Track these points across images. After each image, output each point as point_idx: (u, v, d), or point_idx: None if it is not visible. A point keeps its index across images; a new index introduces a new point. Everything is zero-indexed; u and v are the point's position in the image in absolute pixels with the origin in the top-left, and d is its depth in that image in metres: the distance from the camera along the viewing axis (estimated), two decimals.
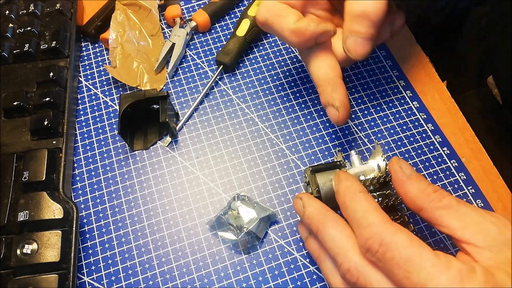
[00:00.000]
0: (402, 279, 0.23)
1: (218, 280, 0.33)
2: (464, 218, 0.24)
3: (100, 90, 0.42)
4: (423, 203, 0.26)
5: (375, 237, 0.24)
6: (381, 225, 0.24)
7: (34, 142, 0.36)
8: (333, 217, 0.28)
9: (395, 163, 0.28)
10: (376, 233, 0.24)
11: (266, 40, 0.45)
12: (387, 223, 0.24)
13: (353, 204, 0.26)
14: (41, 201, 0.32)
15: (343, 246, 0.26)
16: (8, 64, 0.40)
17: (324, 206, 0.29)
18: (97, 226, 0.35)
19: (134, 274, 0.34)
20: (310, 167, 0.31)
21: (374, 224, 0.24)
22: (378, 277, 0.24)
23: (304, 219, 0.29)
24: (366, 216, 0.25)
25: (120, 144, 0.39)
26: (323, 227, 0.27)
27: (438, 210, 0.25)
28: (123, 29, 0.43)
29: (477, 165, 0.38)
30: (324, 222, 0.27)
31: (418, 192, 0.26)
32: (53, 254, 0.31)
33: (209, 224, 0.35)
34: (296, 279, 0.33)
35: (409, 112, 0.40)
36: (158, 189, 0.37)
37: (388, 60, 0.44)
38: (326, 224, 0.27)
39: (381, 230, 0.24)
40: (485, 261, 0.23)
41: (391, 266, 0.23)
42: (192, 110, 0.40)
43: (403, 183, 0.27)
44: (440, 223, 0.25)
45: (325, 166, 0.32)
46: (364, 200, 0.26)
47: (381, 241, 0.23)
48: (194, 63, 0.44)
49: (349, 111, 0.33)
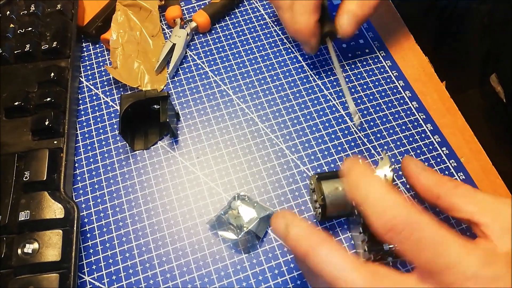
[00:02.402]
0: (428, 261, 0.22)
1: (218, 279, 0.33)
2: (481, 203, 0.25)
3: (101, 90, 0.42)
4: (440, 191, 0.26)
5: (399, 217, 0.23)
6: (405, 206, 0.23)
7: (35, 142, 0.36)
8: (325, 237, 0.24)
9: (408, 160, 0.29)
10: (400, 213, 0.23)
11: (266, 41, 0.45)
12: (409, 204, 0.23)
13: (368, 186, 0.24)
14: (42, 201, 0.33)
15: (343, 268, 0.23)
16: (9, 64, 0.40)
17: (313, 226, 0.25)
18: (98, 225, 0.36)
19: (134, 273, 0.34)
20: (316, 175, 0.31)
21: (397, 204, 0.23)
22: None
23: (288, 241, 0.25)
24: (386, 197, 0.23)
25: (120, 144, 0.39)
26: (313, 250, 0.24)
27: (455, 196, 0.26)
28: (123, 30, 0.43)
29: (476, 165, 0.38)
30: (314, 244, 0.24)
31: (435, 181, 0.27)
32: (54, 254, 0.31)
33: (209, 224, 0.35)
34: (296, 279, 0.33)
35: (408, 112, 0.41)
36: (158, 189, 0.37)
37: (387, 61, 0.44)
38: (318, 246, 0.24)
39: (406, 211, 0.23)
40: (505, 244, 0.23)
41: (418, 247, 0.22)
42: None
43: (419, 175, 0.28)
44: (458, 209, 0.25)
45: (331, 174, 0.32)
46: (380, 181, 0.25)
47: (407, 221, 0.22)
48: (194, 64, 0.44)
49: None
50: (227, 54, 0.44)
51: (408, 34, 0.45)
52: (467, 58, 0.52)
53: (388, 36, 0.45)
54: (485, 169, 0.38)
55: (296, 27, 0.37)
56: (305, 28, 0.37)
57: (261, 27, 0.46)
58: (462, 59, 0.53)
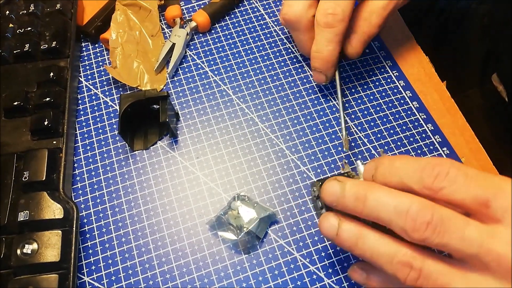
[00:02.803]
0: (479, 191, 0.23)
1: (218, 280, 0.33)
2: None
3: (100, 90, 0.42)
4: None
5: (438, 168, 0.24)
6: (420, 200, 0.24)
7: (34, 142, 0.36)
8: (378, 185, 0.26)
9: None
10: (440, 161, 0.24)
11: (266, 41, 0.45)
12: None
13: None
14: (41, 201, 0.32)
15: (402, 196, 0.24)
16: (8, 64, 0.40)
17: None
18: (97, 226, 0.35)
19: (134, 274, 0.34)
20: (320, 181, 0.30)
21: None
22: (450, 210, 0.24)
23: (347, 191, 0.27)
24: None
25: (120, 144, 0.39)
26: (370, 189, 0.26)
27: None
28: (123, 30, 0.43)
29: (477, 165, 0.38)
30: (371, 185, 0.26)
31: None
32: (53, 254, 0.31)
33: (209, 224, 0.35)
34: (296, 279, 0.33)
35: (408, 112, 0.40)
36: (158, 189, 0.37)
37: (387, 61, 0.44)
38: (374, 186, 0.26)
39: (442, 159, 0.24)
40: None
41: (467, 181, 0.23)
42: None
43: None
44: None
45: None
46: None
47: (448, 166, 0.24)
48: (194, 63, 0.44)
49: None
50: (227, 54, 0.44)
51: (408, 34, 0.45)
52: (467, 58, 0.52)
53: (389, 36, 0.45)
54: (485, 169, 0.38)
55: (319, 56, 0.36)
56: (329, 58, 0.36)
57: (261, 27, 0.46)
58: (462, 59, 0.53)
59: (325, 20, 0.35)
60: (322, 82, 0.40)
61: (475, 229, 0.23)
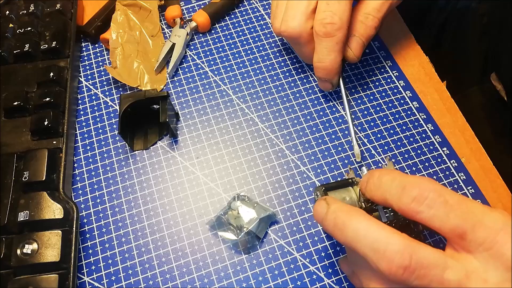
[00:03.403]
0: (458, 221, 0.23)
1: (218, 280, 0.33)
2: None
3: (100, 90, 0.42)
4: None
5: (424, 186, 0.24)
6: (423, 179, 0.25)
7: (34, 142, 0.36)
8: (362, 211, 0.26)
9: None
10: (421, 183, 0.24)
11: (266, 41, 0.45)
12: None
13: (383, 185, 0.26)
14: (41, 201, 0.32)
15: (381, 232, 0.24)
16: (8, 64, 0.40)
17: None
18: (97, 226, 0.35)
19: (134, 274, 0.34)
20: (323, 186, 0.30)
21: (418, 179, 0.24)
22: (429, 249, 0.23)
23: (328, 215, 0.27)
24: (402, 178, 0.25)
25: (120, 144, 0.39)
26: (351, 219, 0.25)
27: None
28: (123, 30, 0.43)
29: (477, 165, 0.38)
30: (352, 214, 0.25)
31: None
32: (53, 254, 0.31)
33: (209, 224, 0.35)
34: (296, 279, 0.33)
35: (408, 113, 0.40)
36: (158, 189, 0.37)
37: (387, 61, 0.44)
38: (356, 215, 0.25)
39: (424, 181, 0.24)
40: None
41: (446, 209, 0.23)
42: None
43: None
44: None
45: (336, 184, 0.31)
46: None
47: (431, 188, 0.24)
48: (194, 63, 0.44)
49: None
50: (227, 54, 0.44)
51: (408, 34, 0.45)
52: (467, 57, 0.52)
53: (389, 36, 0.45)
54: (485, 169, 0.38)
55: (322, 65, 0.36)
56: (332, 66, 0.36)
57: (261, 27, 0.46)
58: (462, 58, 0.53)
59: (324, 30, 0.34)
60: (328, 90, 0.40)
61: (454, 272, 0.22)
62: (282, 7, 0.38)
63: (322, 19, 0.34)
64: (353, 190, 0.30)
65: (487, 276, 0.22)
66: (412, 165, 0.38)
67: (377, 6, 0.36)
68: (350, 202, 0.30)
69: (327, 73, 0.37)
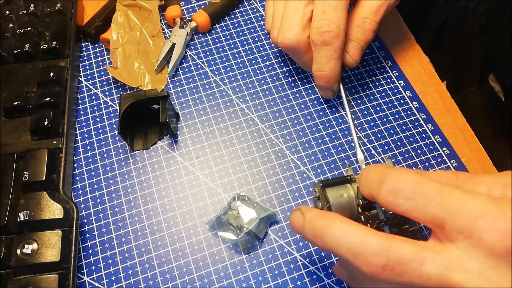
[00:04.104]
0: (437, 210, 0.22)
1: (218, 280, 0.33)
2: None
3: (100, 90, 0.42)
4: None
5: (394, 183, 0.23)
6: (399, 169, 0.24)
7: (34, 142, 0.36)
8: (337, 215, 0.26)
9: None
10: (399, 175, 0.23)
11: (266, 41, 0.45)
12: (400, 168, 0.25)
13: (373, 175, 0.25)
14: (41, 201, 0.32)
15: (360, 235, 0.24)
16: (8, 64, 0.40)
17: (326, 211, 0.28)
18: (97, 226, 0.35)
19: (134, 274, 0.34)
20: (321, 183, 0.30)
21: (395, 171, 0.24)
22: (407, 245, 0.23)
23: (306, 225, 0.27)
24: (378, 169, 0.25)
25: (120, 144, 0.39)
26: (328, 225, 0.25)
27: None
28: (124, 30, 0.43)
29: (477, 165, 0.38)
30: (328, 220, 0.25)
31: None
32: (53, 254, 0.31)
33: (209, 224, 0.35)
34: (296, 279, 0.33)
35: (408, 113, 0.40)
36: (158, 189, 0.37)
37: (387, 61, 0.44)
38: (333, 221, 0.25)
39: (402, 173, 0.24)
40: None
41: (424, 199, 0.22)
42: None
43: None
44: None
45: (335, 181, 0.31)
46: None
47: (407, 179, 0.23)
48: (194, 63, 0.44)
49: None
50: (227, 54, 0.44)
51: (408, 34, 0.45)
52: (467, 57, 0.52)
53: (389, 36, 0.45)
54: (485, 169, 0.38)
55: (322, 74, 0.36)
56: (332, 74, 0.36)
57: (261, 27, 0.46)
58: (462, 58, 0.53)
59: (321, 39, 0.34)
60: (329, 97, 0.40)
61: (433, 265, 0.22)
62: (278, 18, 0.37)
63: (318, 28, 0.34)
64: (351, 187, 0.30)
65: (469, 264, 0.21)
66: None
67: (374, 9, 0.35)
68: (348, 199, 0.30)
69: (327, 81, 0.37)
